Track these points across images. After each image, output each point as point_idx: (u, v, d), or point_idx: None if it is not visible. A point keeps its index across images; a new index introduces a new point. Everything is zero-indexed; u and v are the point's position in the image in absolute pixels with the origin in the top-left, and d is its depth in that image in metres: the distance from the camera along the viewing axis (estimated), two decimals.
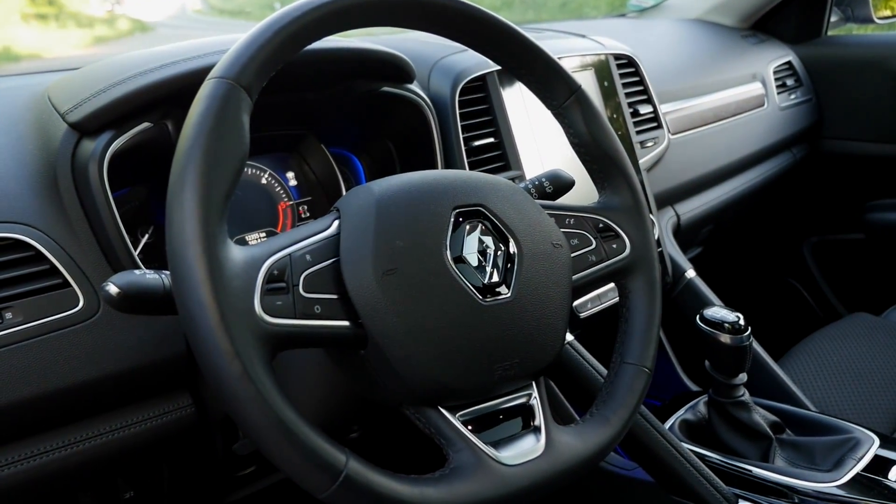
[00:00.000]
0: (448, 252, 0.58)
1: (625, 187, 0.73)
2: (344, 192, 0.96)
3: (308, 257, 0.55)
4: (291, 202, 0.96)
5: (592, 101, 0.72)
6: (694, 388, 1.26)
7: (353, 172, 1.01)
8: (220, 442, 0.78)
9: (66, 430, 0.70)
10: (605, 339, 0.94)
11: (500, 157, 1.02)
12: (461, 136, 0.97)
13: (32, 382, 0.65)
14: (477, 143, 0.99)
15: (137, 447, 0.73)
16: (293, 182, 0.97)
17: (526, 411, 0.62)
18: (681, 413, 1.00)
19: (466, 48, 1.04)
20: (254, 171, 0.93)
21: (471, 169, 0.98)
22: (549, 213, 0.67)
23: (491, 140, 1.01)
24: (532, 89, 0.72)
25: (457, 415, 0.58)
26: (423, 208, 0.59)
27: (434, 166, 0.94)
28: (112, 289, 0.53)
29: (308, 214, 0.97)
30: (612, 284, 0.72)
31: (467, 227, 0.60)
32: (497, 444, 0.58)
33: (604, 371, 0.92)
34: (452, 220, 0.59)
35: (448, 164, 0.96)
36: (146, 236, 0.84)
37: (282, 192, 0.95)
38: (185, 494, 0.83)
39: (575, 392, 0.92)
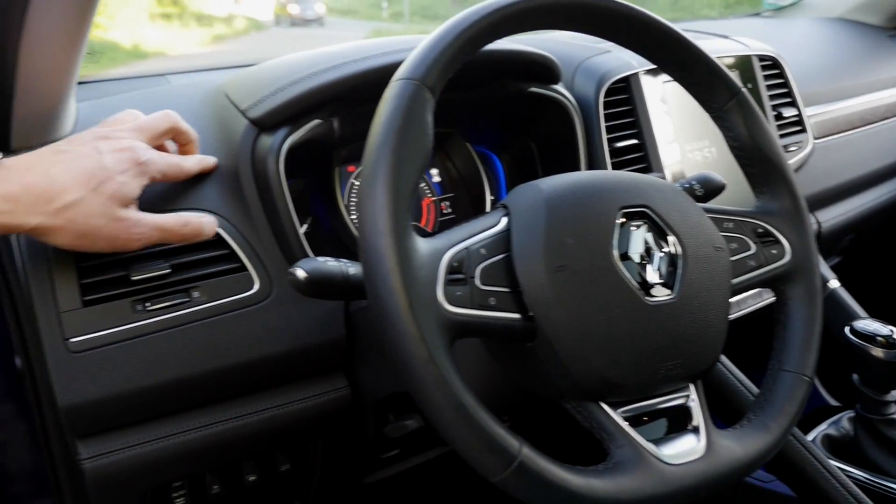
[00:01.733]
0: (615, 251, 0.59)
1: (785, 192, 0.71)
2: (487, 190, 0.99)
3: (483, 251, 0.57)
4: (435, 198, 0.99)
5: (754, 104, 0.71)
6: (833, 402, 1.21)
7: (493, 171, 1.04)
8: (371, 424, 0.82)
9: (236, 404, 0.75)
10: (742, 344, 0.92)
11: (642, 158, 1.02)
12: (605, 137, 0.97)
13: (215, 356, 0.71)
14: (619, 144, 0.99)
15: (297, 423, 0.78)
16: (437, 179, 1.00)
17: (683, 412, 0.62)
18: (823, 428, 0.98)
19: (609, 50, 1.05)
20: None
21: (613, 169, 0.98)
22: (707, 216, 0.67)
23: (634, 141, 1.01)
24: (691, 92, 0.72)
25: (618, 411, 0.59)
26: (590, 207, 0.60)
27: (577, 167, 0.95)
28: (300, 273, 0.58)
29: (450, 210, 1.00)
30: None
31: (632, 227, 0.61)
32: (657, 443, 0.59)
33: (744, 379, 0.90)
34: (619, 219, 0.60)
35: (591, 165, 0.97)
36: (304, 226, 0.90)
37: (426, 188, 0.99)
38: (334, 471, 0.87)
39: (715, 400, 0.91)
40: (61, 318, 0.66)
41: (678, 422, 0.62)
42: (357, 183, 0.91)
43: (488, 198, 0.98)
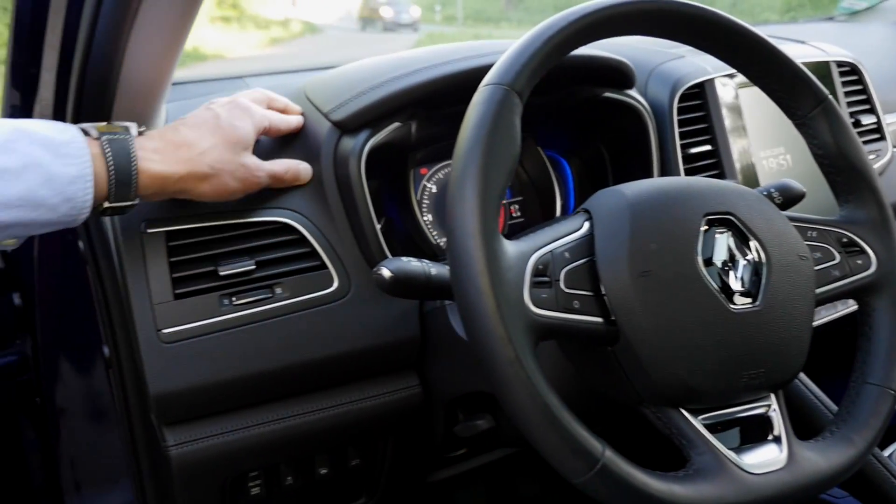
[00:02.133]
0: (699, 257, 0.59)
1: (872, 202, 0.70)
2: (557, 195, 0.99)
3: (567, 254, 0.58)
4: (504, 201, 1.00)
5: (840, 112, 0.70)
6: None
7: (561, 175, 1.04)
8: (441, 423, 0.83)
9: (313, 398, 0.78)
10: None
11: (715, 165, 1.01)
12: (678, 143, 0.97)
13: (294, 351, 0.74)
14: (693, 150, 0.98)
15: (369, 419, 0.80)
16: None
17: (763, 422, 0.62)
18: None
19: (683, 55, 1.05)
20: None
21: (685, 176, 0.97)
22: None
23: (707, 148, 1.00)
24: (774, 98, 0.71)
25: (698, 418, 0.59)
26: (675, 213, 0.60)
27: (650, 173, 0.95)
28: (386, 273, 0.59)
29: (518, 214, 1.01)
30: None
31: (716, 234, 0.61)
32: (737, 451, 0.58)
33: (818, 390, 0.88)
34: (703, 226, 0.60)
35: (663, 171, 0.96)
36: (378, 227, 0.91)
37: None
38: (402, 468, 0.89)
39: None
40: (155, 310, 0.70)
41: (758, 431, 0.61)
42: (429, 185, 0.93)
43: (558, 202, 0.99)
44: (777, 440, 0.60)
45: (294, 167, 0.77)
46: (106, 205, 0.63)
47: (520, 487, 1.29)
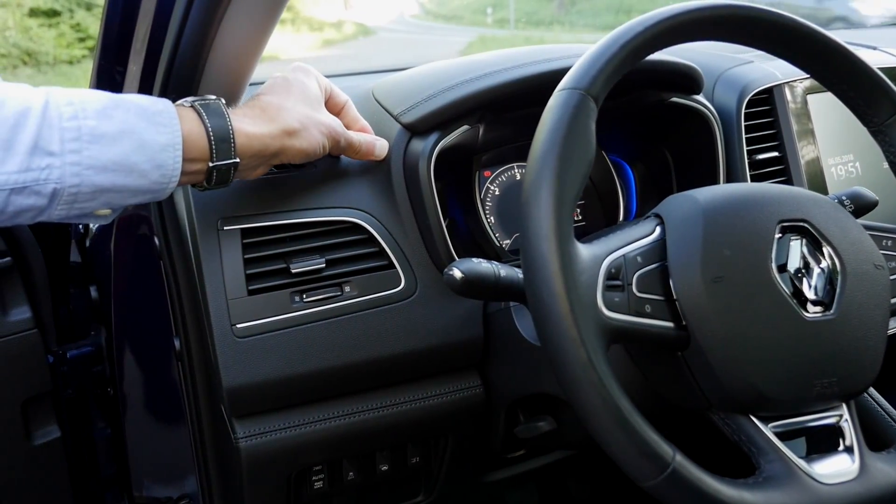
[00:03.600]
0: (773, 264, 0.59)
1: None
2: (621, 199, 0.99)
3: (639, 259, 0.58)
4: None
5: None
6: None
7: (624, 180, 1.03)
8: (502, 424, 0.84)
9: (377, 395, 0.79)
10: None
11: (783, 171, 0.99)
12: (745, 149, 0.96)
13: (361, 349, 0.75)
14: (760, 156, 0.97)
15: (431, 418, 0.81)
16: None
17: (835, 432, 0.61)
18: None
19: (751, 60, 1.03)
20: None
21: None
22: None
23: (774, 154, 0.99)
24: (850, 105, 0.70)
25: (769, 425, 0.59)
26: (749, 219, 0.60)
27: (716, 179, 0.94)
28: (457, 273, 0.60)
29: (580, 217, 1.01)
30: None
31: (791, 241, 0.61)
32: (808, 460, 0.58)
33: (883, 401, 0.86)
34: (777, 233, 0.60)
35: (729, 178, 0.95)
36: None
37: None
38: (460, 467, 0.90)
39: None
40: (229, 305, 0.72)
41: (830, 441, 0.61)
42: (493, 188, 0.94)
43: (621, 207, 0.98)
44: (849, 450, 0.60)
45: (369, 141, 0.78)
46: (210, 165, 0.65)
47: (571, 490, 1.28)
